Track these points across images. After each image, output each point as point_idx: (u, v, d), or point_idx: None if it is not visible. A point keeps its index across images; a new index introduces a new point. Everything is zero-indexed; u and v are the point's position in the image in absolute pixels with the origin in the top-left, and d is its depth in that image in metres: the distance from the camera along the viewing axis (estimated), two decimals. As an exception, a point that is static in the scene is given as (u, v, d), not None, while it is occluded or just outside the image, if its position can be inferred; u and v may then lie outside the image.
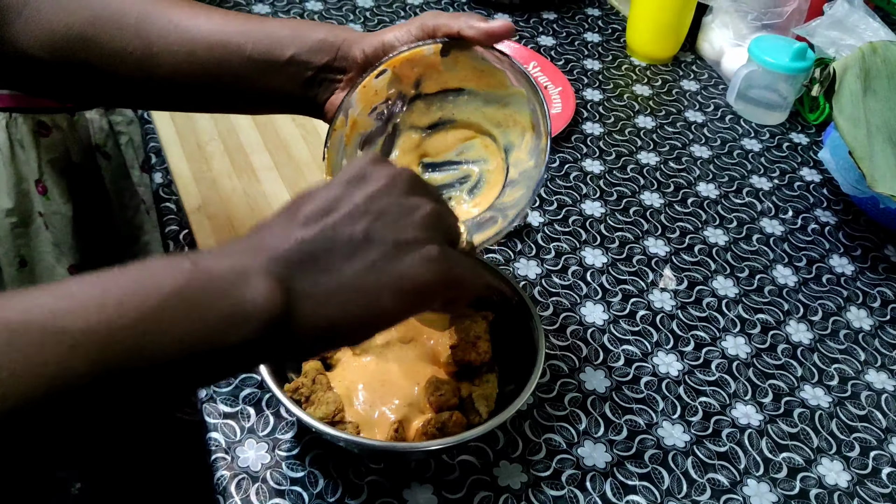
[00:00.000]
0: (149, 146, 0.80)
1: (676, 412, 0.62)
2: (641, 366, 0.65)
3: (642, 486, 0.57)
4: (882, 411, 0.64)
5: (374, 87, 0.54)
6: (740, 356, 0.67)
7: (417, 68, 0.54)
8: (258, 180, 0.75)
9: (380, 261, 0.38)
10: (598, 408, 0.61)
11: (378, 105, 0.55)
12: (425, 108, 0.56)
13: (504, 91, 0.54)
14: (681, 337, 0.68)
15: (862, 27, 0.86)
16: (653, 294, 0.71)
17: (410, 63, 0.53)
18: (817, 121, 0.95)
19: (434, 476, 0.55)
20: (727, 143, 0.91)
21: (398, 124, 0.57)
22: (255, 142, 0.80)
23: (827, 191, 0.86)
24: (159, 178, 0.76)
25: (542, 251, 0.74)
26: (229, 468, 0.54)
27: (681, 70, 1.03)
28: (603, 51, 1.05)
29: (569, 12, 1.12)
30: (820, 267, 0.77)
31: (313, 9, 1.05)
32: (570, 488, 0.56)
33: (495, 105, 0.55)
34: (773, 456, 0.60)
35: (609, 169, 0.85)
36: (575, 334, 0.67)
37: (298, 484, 0.54)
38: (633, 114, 0.94)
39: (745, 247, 0.78)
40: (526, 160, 0.54)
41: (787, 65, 0.89)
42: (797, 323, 0.70)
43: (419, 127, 0.57)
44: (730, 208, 0.82)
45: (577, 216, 0.79)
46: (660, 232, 0.78)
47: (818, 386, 0.65)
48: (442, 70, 0.54)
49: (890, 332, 0.71)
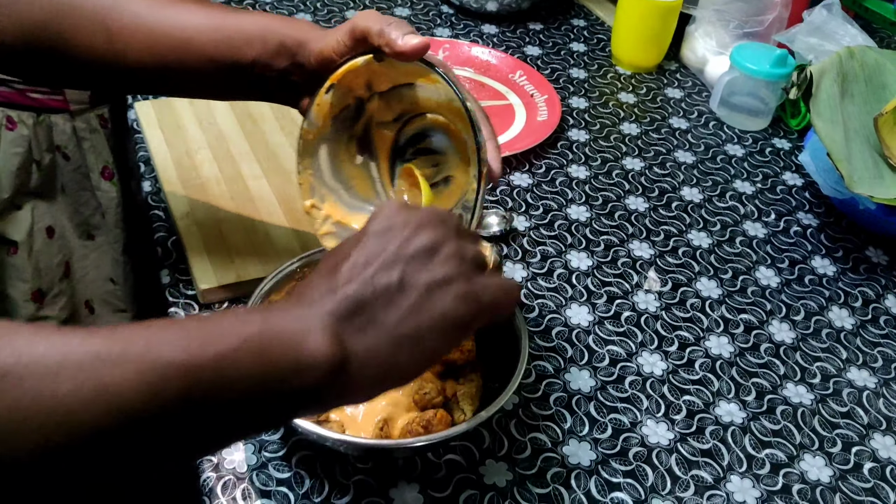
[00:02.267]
0: (137, 154, 0.81)
1: (661, 411, 0.62)
2: (626, 366, 0.66)
3: (627, 483, 0.57)
4: (864, 408, 0.65)
5: (327, 102, 0.55)
6: (724, 355, 0.68)
7: (361, 76, 0.55)
8: (247, 188, 0.76)
9: (416, 305, 0.41)
10: (582, 407, 0.62)
11: (339, 113, 0.57)
12: (385, 105, 0.57)
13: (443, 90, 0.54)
14: (665, 337, 0.69)
15: (840, 33, 0.88)
16: (637, 296, 0.72)
17: (353, 73, 0.54)
18: (799, 126, 0.96)
19: (420, 475, 0.56)
20: (711, 149, 0.92)
21: (370, 124, 0.58)
22: (243, 150, 0.80)
23: (809, 194, 0.87)
24: (147, 186, 0.77)
25: (528, 255, 0.75)
26: (215, 470, 0.55)
27: (665, 78, 1.04)
28: (588, 60, 1.06)
29: (555, 23, 1.13)
30: (802, 268, 0.78)
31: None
32: (556, 486, 0.56)
33: (444, 100, 0.55)
34: (756, 452, 0.60)
35: (594, 174, 0.86)
36: (560, 335, 0.68)
37: (284, 485, 0.55)
38: (618, 121, 0.95)
39: (729, 249, 0.79)
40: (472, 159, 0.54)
41: (769, 71, 0.90)
42: (780, 322, 0.71)
43: (387, 122, 0.58)
44: (713, 212, 0.83)
45: (563, 220, 0.80)
46: (644, 235, 0.79)
47: (801, 384, 0.66)
48: (385, 72, 0.54)
49: (871, 331, 0.72)
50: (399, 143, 0.59)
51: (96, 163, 1.00)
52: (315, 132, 0.57)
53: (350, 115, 0.57)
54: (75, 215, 1.00)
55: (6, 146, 0.91)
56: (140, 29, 0.55)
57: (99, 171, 1.01)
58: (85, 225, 1.01)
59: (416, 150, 0.58)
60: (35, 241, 0.95)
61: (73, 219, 1.00)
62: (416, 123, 0.57)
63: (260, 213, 0.74)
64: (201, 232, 0.71)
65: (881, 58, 0.81)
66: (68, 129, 0.97)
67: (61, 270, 0.98)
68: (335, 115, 0.57)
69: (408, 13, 1.11)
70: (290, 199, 0.75)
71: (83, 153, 0.99)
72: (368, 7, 1.11)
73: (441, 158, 0.57)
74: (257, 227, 0.72)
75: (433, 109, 0.56)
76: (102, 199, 1.02)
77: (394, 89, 0.56)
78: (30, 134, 0.93)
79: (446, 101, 0.54)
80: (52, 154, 0.97)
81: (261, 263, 0.68)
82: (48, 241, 0.97)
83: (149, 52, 0.55)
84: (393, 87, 0.56)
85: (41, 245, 0.96)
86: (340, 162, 0.59)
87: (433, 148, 0.58)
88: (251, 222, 0.72)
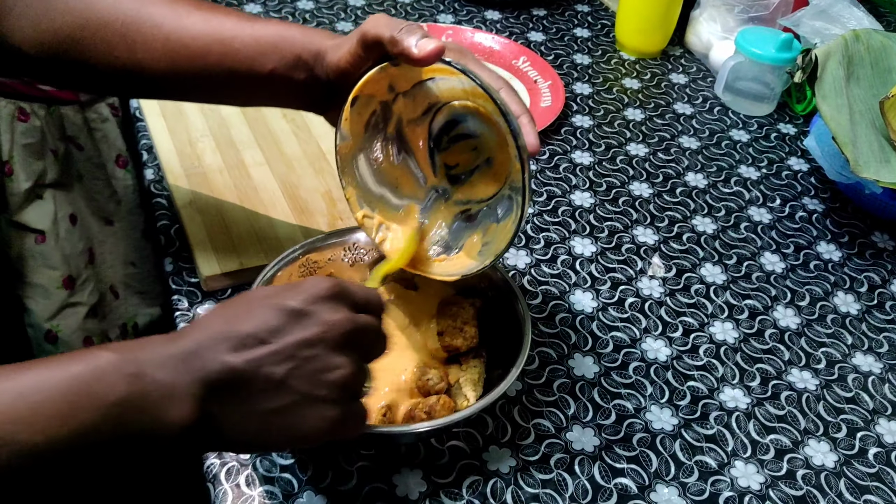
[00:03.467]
0: (140, 143, 0.81)
1: (665, 396, 0.62)
2: (630, 352, 0.65)
3: (630, 469, 0.57)
4: (869, 393, 0.64)
5: (355, 114, 0.55)
6: (728, 341, 0.67)
7: (381, 82, 0.54)
8: (249, 175, 0.76)
9: (288, 408, 0.42)
10: (586, 393, 0.62)
11: (368, 119, 0.56)
12: (411, 102, 0.56)
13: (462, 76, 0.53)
14: (669, 323, 0.68)
15: (846, 16, 0.87)
16: (641, 282, 0.72)
17: (374, 81, 0.54)
18: (804, 111, 0.95)
19: (424, 461, 0.56)
20: (715, 134, 0.92)
21: (400, 123, 0.57)
22: (246, 138, 0.80)
23: (815, 179, 0.87)
24: (150, 174, 0.77)
25: (532, 241, 0.75)
26: (219, 456, 0.55)
27: (669, 63, 1.04)
28: (592, 46, 1.05)
29: (558, 8, 1.12)
30: (807, 253, 0.77)
31: (305, 7, 1.06)
32: (559, 472, 0.56)
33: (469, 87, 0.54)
34: (760, 438, 0.60)
35: (598, 160, 0.86)
36: (564, 322, 0.67)
37: (288, 471, 0.55)
38: (622, 106, 0.95)
39: (734, 235, 0.78)
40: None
41: (774, 56, 0.89)
42: (784, 308, 0.71)
43: (416, 118, 0.57)
44: (718, 197, 0.83)
45: (567, 206, 0.79)
46: (648, 221, 0.79)
47: (805, 369, 0.66)
48: (404, 73, 0.54)
49: (877, 316, 0.71)
50: (433, 135, 0.58)
51: (109, 152, 1.01)
52: (349, 145, 0.56)
53: (379, 119, 0.57)
54: (92, 202, 1.01)
55: (19, 137, 0.91)
56: (159, 39, 0.55)
57: (113, 159, 1.01)
58: (102, 211, 1.02)
59: (451, 137, 0.58)
60: (60, 229, 0.96)
61: (91, 206, 1.01)
62: (445, 112, 0.56)
63: (262, 200, 0.73)
64: (204, 220, 0.71)
65: (887, 40, 0.81)
66: (79, 120, 0.98)
67: (86, 257, 0.99)
68: (365, 123, 0.56)
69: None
70: (293, 187, 0.75)
71: (96, 143, 1.00)
72: (371, -6, 1.10)
73: (478, 141, 0.57)
74: (259, 214, 0.72)
75: (459, 98, 0.55)
76: (118, 187, 1.02)
77: (416, 86, 0.55)
78: (42, 125, 0.93)
79: (471, 89, 0.53)
80: (66, 144, 0.97)
81: (263, 251, 0.68)
82: (72, 229, 0.98)
83: (168, 62, 0.55)
84: (414, 84, 0.55)
85: (66, 232, 0.97)
86: (380, 166, 0.59)
87: (468, 132, 0.57)
88: (253, 210, 0.72)
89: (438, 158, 0.58)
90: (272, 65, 0.55)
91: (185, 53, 0.55)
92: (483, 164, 0.57)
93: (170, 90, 0.59)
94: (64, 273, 0.96)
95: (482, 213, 0.58)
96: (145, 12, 0.55)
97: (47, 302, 0.94)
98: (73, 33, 0.55)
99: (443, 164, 0.58)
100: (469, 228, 0.58)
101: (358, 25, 1.03)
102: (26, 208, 0.94)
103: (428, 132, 0.58)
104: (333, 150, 0.57)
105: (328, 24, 1.03)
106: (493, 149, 0.56)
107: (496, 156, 0.56)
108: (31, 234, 0.94)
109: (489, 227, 0.57)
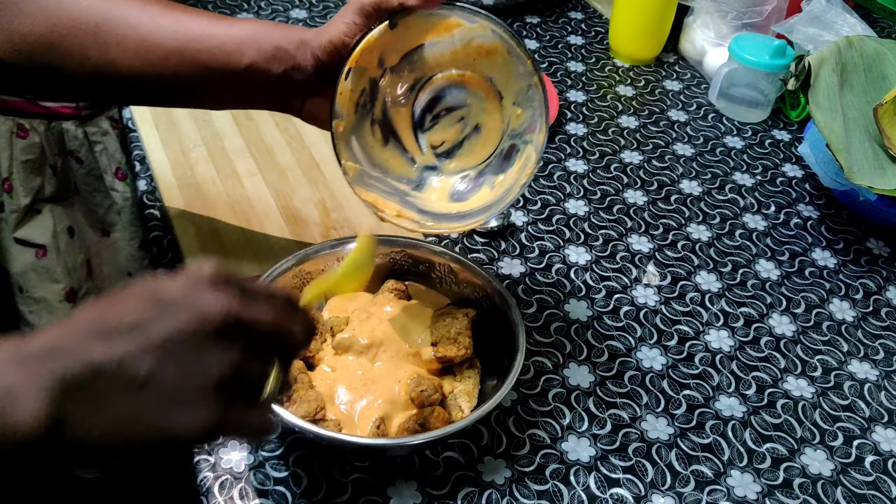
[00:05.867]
0: (133, 153, 0.80)
1: (660, 405, 0.62)
2: (625, 360, 0.65)
3: (626, 479, 0.57)
4: (865, 401, 0.64)
5: (347, 89, 0.55)
6: (724, 349, 0.67)
7: (375, 51, 0.55)
8: (242, 185, 0.76)
9: (150, 409, 0.37)
10: (581, 403, 0.62)
11: (358, 99, 0.57)
12: (396, 79, 0.57)
13: (462, 32, 0.56)
14: (664, 331, 0.68)
15: (839, 23, 0.87)
16: (636, 290, 0.72)
17: (368, 50, 0.54)
18: (798, 117, 0.95)
19: (418, 473, 0.56)
20: (710, 141, 0.92)
21: (386, 105, 0.58)
22: (239, 147, 0.80)
23: (809, 186, 0.86)
24: (143, 185, 0.77)
25: (526, 250, 0.75)
26: (212, 469, 0.54)
27: (663, 70, 1.04)
28: (586, 53, 1.05)
29: (552, 16, 1.12)
30: (803, 260, 0.77)
31: (297, 17, 1.06)
32: (555, 482, 0.56)
33: (459, 46, 0.56)
34: (756, 447, 0.60)
35: (593, 168, 0.86)
36: (559, 331, 0.67)
37: (282, 484, 0.54)
38: (616, 114, 0.95)
39: (729, 242, 0.78)
40: (514, 83, 0.57)
41: (767, 62, 0.89)
42: (780, 315, 0.71)
43: (400, 97, 0.58)
44: (713, 205, 0.83)
45: (561, 215, 0.79)
46: (643, 229, 0.79)
47: (801, 377, 0.66)
48: (396, 40, 0.55)
49: (872, 323, 0.71)
50: (415, 116, 0.59)
51: (109, 164, 1.01)
52: (344, 124, 0.56)
53: (367, 99, 0.57)
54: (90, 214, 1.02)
55: (18, 154, 0.92)
56: (132, 38, 0.55)
57: (112, 172, 1.02)
58: (101, 223, 1.02)
59: (434, 115, 0.59)
60: (60, 242, 0.97)
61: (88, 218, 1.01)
62: (428, 89, 0.58)
63: (255, 210, 0.73)
64: (197, 230, 0.70)
65: (880, 47, 0.81)
66: (80, 135, 0.98)
67: (85, 269, 0.99)
68: (355, 104, 0.57)
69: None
70: (286, 196, 0.75)
71: (95, 157, 1.01)
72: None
73: (463, 111, 0.59)
74: (253, 224, 0.72)
75: (445, 65, 0.57)
76: (117, 199, 1.03)
77: (404, 59, 0.56)
78: (42, 140, 0.94)
79: (461, 46, 0.56)
80: (65, 158, 0.97)
81: (256, 261, 0.68)
82: (70, 241, 0.98)
83: (142, 61, 0.55)
84: (403, 56, 0.56)
85: (65, 245, 0.97)
86: (371, 149, 0.59)
87: (452, 105, 0.59)
88: (246, 220, 0.72)
89: (424, 139, 0.59)
90: (249, 59, 0.55)
91: (160, 53, 0.55)
92: (472, 132, 0.59)
93: (143, 91, 0.58)
94: (66, 286, 0.96)
95: (485, 171, 0.59)
96: (118, 13, 0.55)
97: (51, 316, 0.94)
98: (46, 35, 0.54)
99: (429, 145, 0.60)
100: (474, 189, 0.59)
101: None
102: (26, 224, 0.94)
103: (411, 114, 0.59)
104: (327, 160, 0.57)
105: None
106: (480, 114, 0.58)
107: (485, 121, 0.58)
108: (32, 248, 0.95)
109: (496, 181, 0.58)
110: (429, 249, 0.63)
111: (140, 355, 0.36)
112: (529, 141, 0.57)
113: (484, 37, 0.55)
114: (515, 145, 0.58)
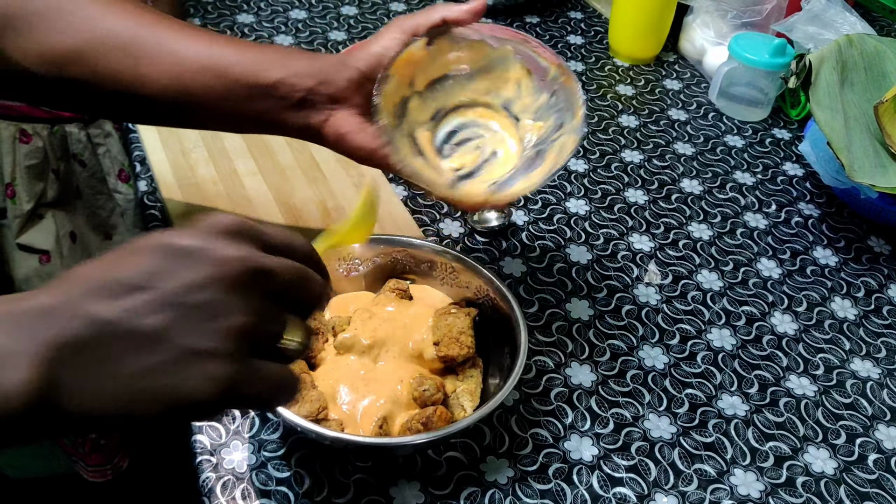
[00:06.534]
0: (133, 154, 0.80)
1: (663, 404, 0.62)
2: (627, 359, 0.65)
3: (629, 478, 0.57)
4: (867, 399, 0.64)
5: (390, 95, 0.56)
6: (726, 348, 0.67)
7: (411, 67, 0.56)
8: (242, 185, 0.76)
9: (161, 366, 0.34)
10: (584, 402, 0.61)
11: (394, 109, 0.57)
12: (422, 104, 0.58)
13: (485, 59, 0.58)
14: (666, 330, 0.68)
15: (839, 21, 0.87)
16: (638, 289, 0.72)
17: (407, 63, 0.56)
18: (799, 116, 0.95)
19: (421, 473, 0.55)
20: (710, 140, 0.92)
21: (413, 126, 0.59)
22: (239, 147, 0.80)
23: (810, 184, 0.86)
24: (144, 186, 0.76)
25: (527, 249, 0.75)
26: (214, 470, 0.54)
27: (663, 69, 1.04)
28: (586, 52, 1.05)
29: (551, 16, 1.12)
30: (804, 259, 0.77)
31: (297, 17, 1.06)
32: (557, 482, 0.56)
33: (479, 77, 0.59)
34: (759, 445, 0.60)
35: (593, 167, 0.86)
36: (561, 330, 0.67)
37: (284, 484, 0.54)
38: (616, 113, 0.95)
39: (730, 241, 0.78)
40: (533, 101, 0.58)
41: (767, 61, 0.89)
42: (782, 314, 0.71)
43: (424, 122, 0.59)
44: (714, 203, 0.83)
45: (562, 214, 0.79)
46: (644, 228, 0.79)
47: (804, 375, 0.65)
48: (428, 63, 0.57)
49: (874, 321, 0.71)
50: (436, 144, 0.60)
51: (112, 166, 1.01)
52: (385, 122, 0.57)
53: (400, 111, 0.58)
54: (93, 217, 1.02)
55: (21, 159, 0.92)
56: (163, 55, 0.56)
57: (115, 174, 1.02)
58: (103, 226, 1.03)
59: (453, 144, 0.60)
60: (63, 247, 0.97)
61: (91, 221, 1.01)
62: (447, 120, 0.60)
63: (256, 210, 0.73)
64: (197, 231, 0.70)
65: (881, 45, 0.81)
66: (83, 138, 0.98)
67: None
68: (393, 109, 0.57)
69: (403, 8, 1.11)
70: (286, 196, 0.75)
71: (98, 159, 1.01)
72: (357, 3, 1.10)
73: (480, 142, 0.60)
74: (254, 225, 0.72)
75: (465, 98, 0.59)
76: (120, 201, 1.03)
77: (429, 86, 0.58)
78: (45, 145, 0.94)
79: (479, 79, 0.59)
80: (68, 161, 0.97)
81: (258, 262, 0.67)
82: (73, 246, 0.98)
83: (172, 77, 0.56)
84: (429, 84, 0.58)
85: (68, 250, 0.97)
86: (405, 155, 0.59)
87: (468, 138, 0.60)
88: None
89: (445, 163, 0.60)
90: (278, 74, 0.56)
91: (190, 65, 0.56)
92: (490, 156, 0.60)
93: (171, 111, 0.59)
94: None
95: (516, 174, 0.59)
96: (148, 31, 0.57)
97: None
98: (77, 49, 0.55)
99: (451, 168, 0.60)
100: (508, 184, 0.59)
101: (350, 35, 1.03)
102: (29, 230, 0.94)
103: (433, 140, 0.60)
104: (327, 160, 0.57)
105: (320, 34, 1.03)
106: (496, 143, 0.59)
107: (501, 147, 0.60)
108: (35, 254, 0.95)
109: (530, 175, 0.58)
110: (430, 249, 0.63)
111: (152, 310, 0.34)
112: (556, 139, 0.58)
113: (505, 61, 0.58)
114: (541, 150, 0.58)
